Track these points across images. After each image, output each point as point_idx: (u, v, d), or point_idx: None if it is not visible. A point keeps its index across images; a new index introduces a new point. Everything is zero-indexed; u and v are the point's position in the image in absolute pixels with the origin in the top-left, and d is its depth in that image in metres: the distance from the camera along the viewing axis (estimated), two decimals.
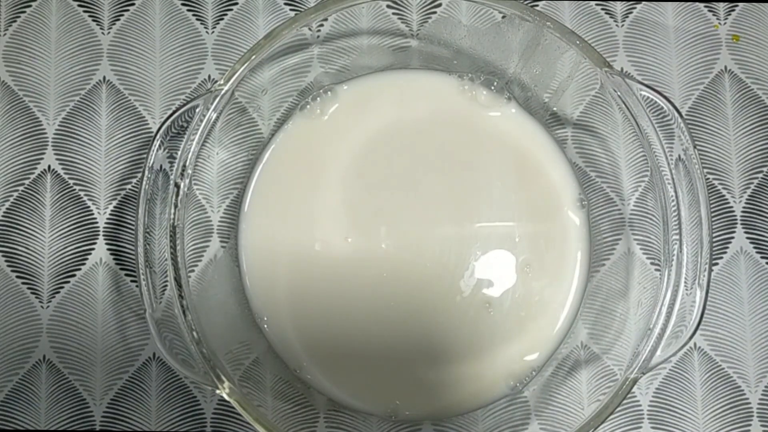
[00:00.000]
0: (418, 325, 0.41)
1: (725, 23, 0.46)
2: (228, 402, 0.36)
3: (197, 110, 0.37)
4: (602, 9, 0.46)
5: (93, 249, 0.43)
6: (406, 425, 0.42)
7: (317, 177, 0.42)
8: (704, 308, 0.36)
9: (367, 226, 0.42)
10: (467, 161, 0.42)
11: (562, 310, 0.42)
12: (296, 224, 0.42)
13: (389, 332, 0.41)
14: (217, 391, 0.36)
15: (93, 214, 0.44)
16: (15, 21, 0.45)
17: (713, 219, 0.44)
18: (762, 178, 0.44)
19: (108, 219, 0.44)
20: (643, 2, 0.46)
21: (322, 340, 0.41)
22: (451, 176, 0.42)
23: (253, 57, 0.38)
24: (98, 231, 0.44)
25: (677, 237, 0.37)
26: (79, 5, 0.46)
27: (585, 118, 0.43)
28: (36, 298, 0.43)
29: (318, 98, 0.43)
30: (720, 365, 0.43)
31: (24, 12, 0.46)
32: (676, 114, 0.37)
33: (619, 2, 0.46)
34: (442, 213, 0.42)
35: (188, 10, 0.46)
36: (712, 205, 0.44)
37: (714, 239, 0.44)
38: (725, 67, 0.45)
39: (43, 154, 0.44)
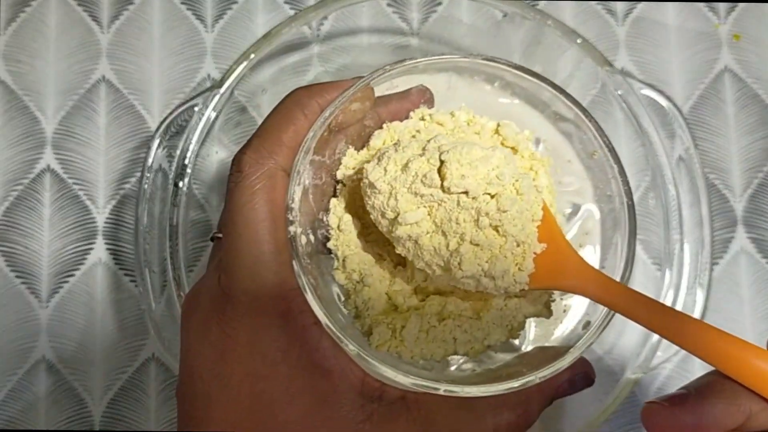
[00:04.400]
0: None
1: (726, 22, 0.46)
2: None
3: (196, 109, 0.37)
4: (603, 8, 0.46)
5: (92, 248, 0.43)
6: None
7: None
8: (705, 308, 0.36)
9: None
10: None
11: (564, 309, 0.41)
12: None
13: None
14: None
15: (92, 213, 0.44)
16: (15, 20, 0.45)
17: (714, 218, 0.44)
18: (763, 177, 0.44)
19: (107, 218, 0.44)
20: (644, 1, 0.46)
21: None
22: None
23: (253, 56, 0.38)
24: (97, 230, 0.44)
25: (678, 236, 0.37)
26: (79, 4, 0.46)
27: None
28: (35, 297, 0.43)
29: None
30: None
31: (24, 11, 0.45)
32: (677, 113, 0.37)
33: (619, 1, 0.46)
34: None
35: (187, 9, 0.46)
36: (713, 205, 0.44)
37: (715, 239, 0.44)
38: (726, 67, 0.45)
39: (42, 153, 0.44)
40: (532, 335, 0.32)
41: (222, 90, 0.37)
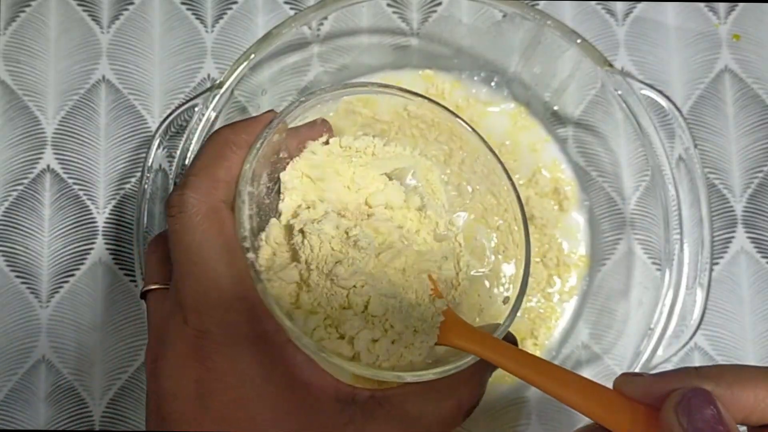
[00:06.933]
0: None
1: (726, 22, 0.46)
2: None
3: (196, 109, 0.37)
4: (603, 8, 0.46)
5: (92, 249, 0.43)
6: None
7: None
8: (705, 308, 0.36)
9: None
10: (467, 161, 0.42)
11: (564, 310, 0.42)
12: None
13: None
14: None
15: (92, 213, 0.44)
16: (15, 20, 0.45)
17: (714, 218, 0.44)
18: (763, 177, 0.44)
19: (107, 218, 0.44)
20: (644, 1, 0.46)
21: None
22: (450, 176, 0.42)
23: (253, 56, 0.38)
24: (97, 230, 0.44)
25: (678, 236, 0.37)
26: (79, 4, 0.46)
27: (586, 117, 0.43)
28: (35, 297, 0.43)
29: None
30: None
31: (24, 11, 0.45)
32: (677, 113, 0.37)
33: (619, 1, 0.46)
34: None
35: (187, 9, 0.45)
36: (712, 205, 0.44)
37: (715, 239, 0.44)
38: (726, 67, 0.45)
39: (42, 153, 0.44)
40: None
41: (222, 90, 0.37)
